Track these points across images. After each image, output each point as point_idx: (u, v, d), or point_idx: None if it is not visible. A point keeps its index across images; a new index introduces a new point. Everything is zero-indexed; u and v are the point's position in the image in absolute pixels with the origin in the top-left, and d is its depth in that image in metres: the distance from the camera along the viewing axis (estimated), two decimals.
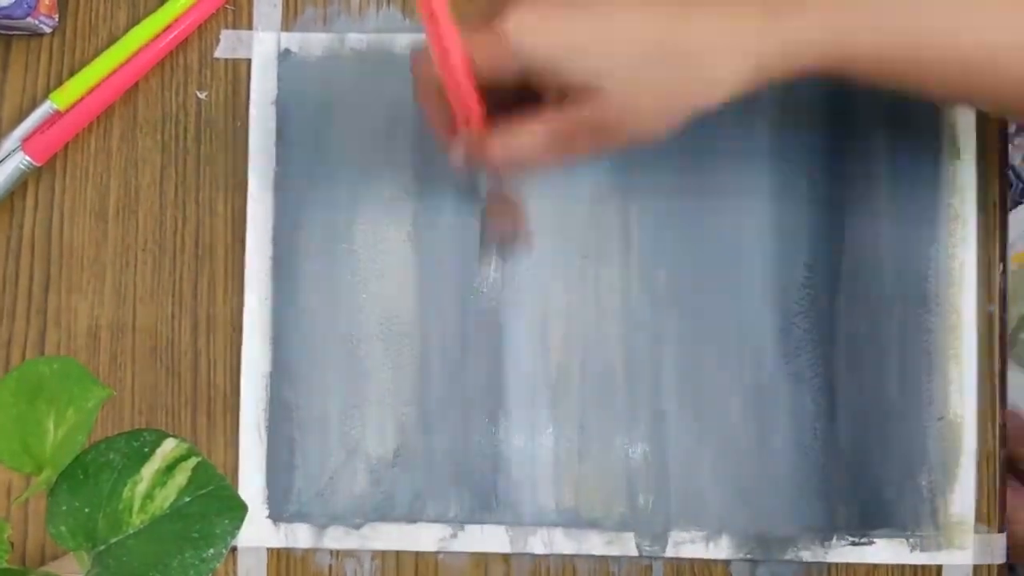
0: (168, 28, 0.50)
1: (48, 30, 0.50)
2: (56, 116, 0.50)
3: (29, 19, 0.48)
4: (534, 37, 0.38)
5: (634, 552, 0.49)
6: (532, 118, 0.40)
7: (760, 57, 0.39)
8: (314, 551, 0.49)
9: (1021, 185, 0.98)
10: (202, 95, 0.51)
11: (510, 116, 0.41)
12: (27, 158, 0.49)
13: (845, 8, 0.39)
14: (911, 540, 0.48)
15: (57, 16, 0.50)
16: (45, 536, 0.50)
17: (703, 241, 0.49)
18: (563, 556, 0.49)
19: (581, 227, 0.49)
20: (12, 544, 0.35)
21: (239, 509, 0.33)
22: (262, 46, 0.50)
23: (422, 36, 0.40)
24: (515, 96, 0.41)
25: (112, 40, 0.50)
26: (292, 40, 0.50)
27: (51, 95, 0.49)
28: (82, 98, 0.50)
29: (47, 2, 0.49)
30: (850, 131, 0.49)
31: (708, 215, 0.49)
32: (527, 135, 0.40)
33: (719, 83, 0.39)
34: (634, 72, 0.39)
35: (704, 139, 0.49)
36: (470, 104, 0.40)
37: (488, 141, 0.41)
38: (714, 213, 0.49)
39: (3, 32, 0.50)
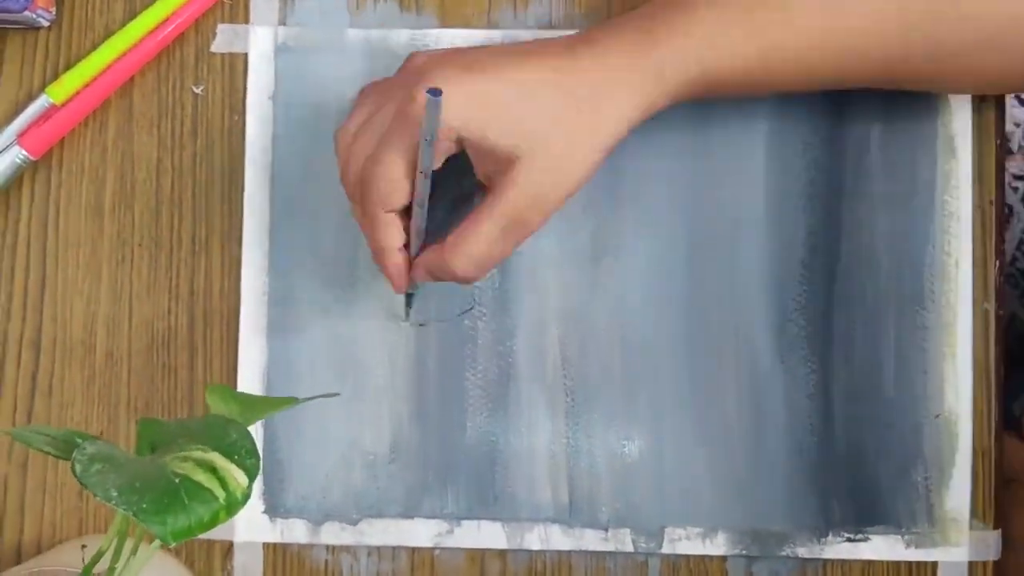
0: (164, 22, 0.50)
1: (45, 23, 0.50)
2: (52, 110, 0.50)
3: (27, 12, 0.48)
4: (453, 109, 0.39)
5: (630, 548, 0.49)
6: (475, 219, 0.41)
7: (645, 93, 0.41)
8: (310, 547, 0.49)
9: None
10: (198, 90, 0.51)
11: (445, 236, 0.42)
12: (23, 152, 0.49)
13: (707, 36, 0.41)
14: (906, 537, 0.48)
15: (54, 10, 0.50)
16: (41, 528, 0.50)
17: (699, 238, 0.49)
18: (559, 552, 0.49)
19: (577, 225, 0.49)
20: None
21: None
22: (259, 40, 0.50)
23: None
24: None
25: (108, 34, 0.50)
26: (289, 35, 0.50)
27: (47, 89, 0.49)
28: (78, 92, 0.50)
29: None
30: (846, 129, 0.49)
31: (704, 212, 0.49)
32: (483, 237, 0.41)
33: (624, 115, 0.41)
34: (552, 118, 0.40)
35: (700, 138, 0.49)
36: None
37: (448, 259, 0.42)
38: (710, 210, 0.49)
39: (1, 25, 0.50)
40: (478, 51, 0.43)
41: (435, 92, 0.37)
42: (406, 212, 0.43)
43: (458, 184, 0.45)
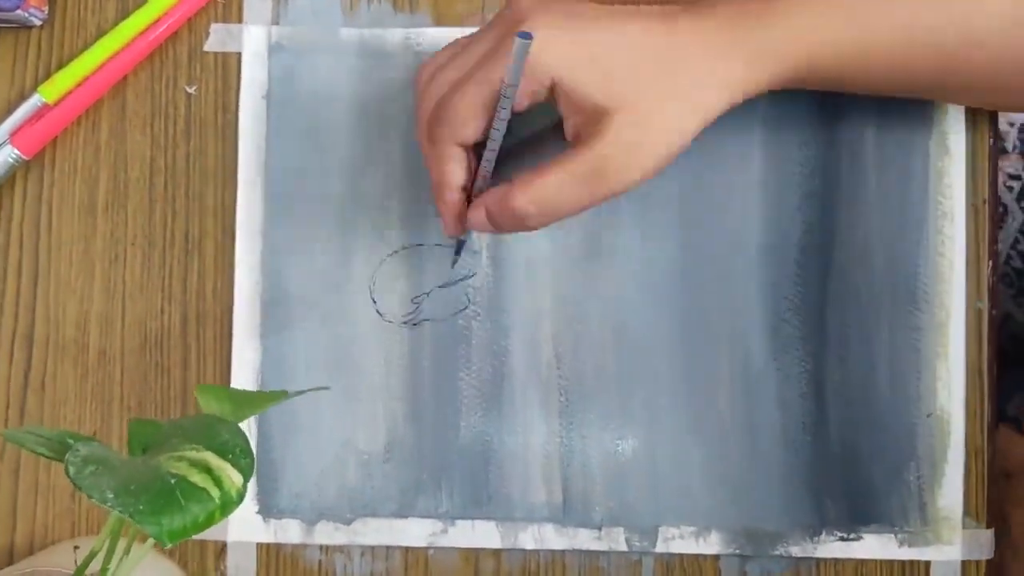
0: (157, 21, 0.50)
1: (38, 22, 0.50)
2: (45, 109, 0.49)
3: (19, 11, 0.47)
4: (554, 52, 0.39)
5: (624, 548, 0.49)
6: (552, 164, 0.40)
7: (746, 73, 0.41)
8: (304, 546, 0.49)
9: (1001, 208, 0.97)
10: (191, 89, 0.50)
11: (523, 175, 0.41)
12: (15, 151, 0.49)
13: (808, 17, 0.41)
14: (899, 536, 0.49)
15: (47, 9, 0.50)
16: (33, 530, 0.50)
17: (693, 238, 0.49)
18: (553, 551, 0.49)
19: (572, 224, 0.49)
20: None
21: None
22: (252, 40, 0.50)
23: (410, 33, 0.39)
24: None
25: (101, 33, 0.50)
26: (282, 34, 0.50)
27: (39, 88, 0.49)
28: (71, 91, 0.49)
29: None
30: (840, 129, 0.49)
31: (699, 211, 0.49)
32: (555, 182, 0.40)
33: (719, 93, 0.41)
34: (651, 77, 0.40)
35: (696, 137, 0.49)
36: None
37: (515, 196, 0.41)
38: (704, 210, 0.49)
39: None
40: (581, 3, 0.42)
41: (525, 35, 0.37)
42: (475, 154, 0.43)
43: (536, 137, 0.45)
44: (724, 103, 0.41)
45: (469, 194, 0.44)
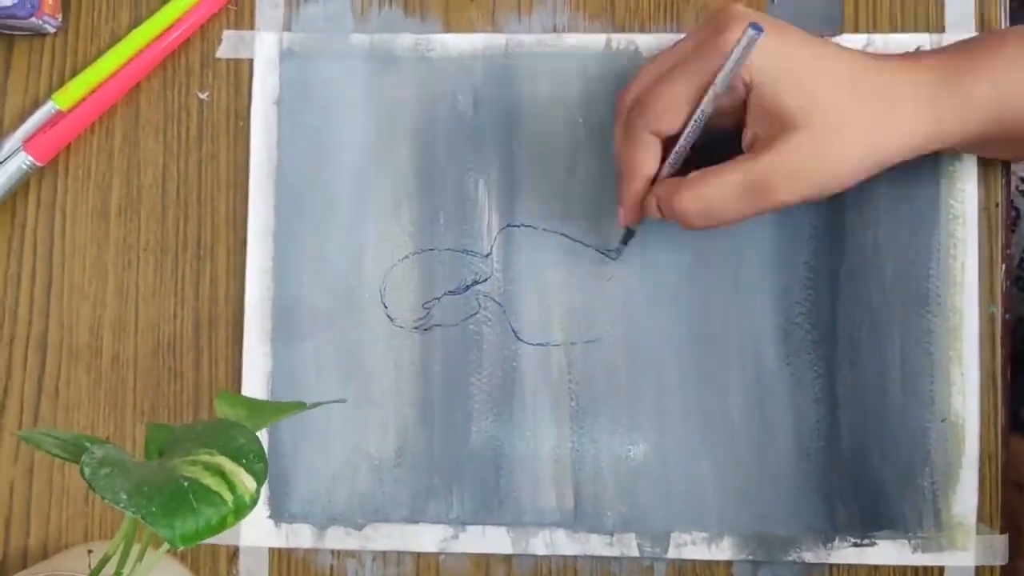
0: (170, 28, 0.50)
1: (52, 30, 0.50)
2: (58, 116, 0.50)
3: (33, 19, 0.48)
4: (759, 52, 0.39)
5: (636, 553, 0.49)
6: (724, 166, 0.41)
7: (938, 111, 0.41)
8: (315, 551, 0.49)
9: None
10: (204, 96, 0.51)
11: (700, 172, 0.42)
12: (29, 158, 0.49)
13: (1013, 75, 0.41)
14: (913, 541, 0.48)
15: (61, 16, 0.50)
16: (47, 533, 0.50)
17: (704, 242, 0.49)
18: (565, 557, 0.49)
19: (584, 229, 0.49)
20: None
21: None
22: (264, 46, 0.51)
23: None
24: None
25: (114, 40, 0.50)
26: (294, 40, 0.50)
27: (53, 95, 0.50)
28: (84, 98, 0.50)
29: (51, 2, 0.49)
30: None
31: None
32: (723, 186, 0.41)
33: (912, 132, 0.41)
34: (845, 103, 0.40)
35: (703, 139, 0.49)
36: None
37: (680, 194, 0.41)
38: None
39: (6, 32, 0.50)
40: (791, 26, 0.42)
41: (757, 28, 0.38)
42: (666, 146, 0.43)
43: (720, 141, 0.45)
44: (912, 147, 0.41)
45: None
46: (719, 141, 0.43)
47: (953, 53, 0.43)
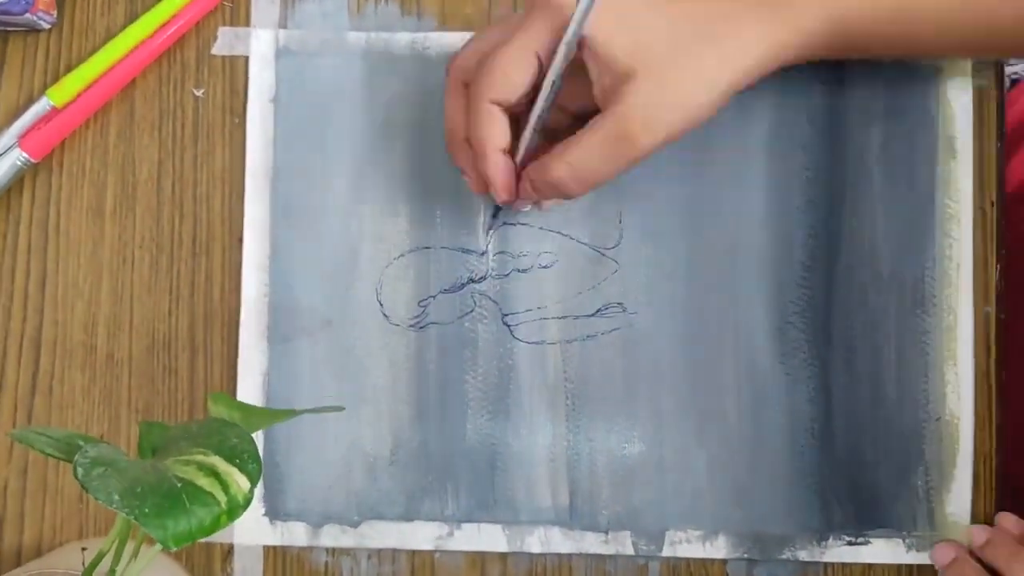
0: (165, 25, 0.50)
1: (47, 26, 0.50)
2: (53, 112, 0.50)
3: (28, 15, 0.48)
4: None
5: (631, 551, 0.49)
6: (584, 131, 0.41)
7: (775, 32, 0.41)
8: (310, 549, 0.49)
9: None
10: (199, 93, 0.51)
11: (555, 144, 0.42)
12: (24, 154, 0.49)
13: None
14: (907, 540, 0.48)
15: (55, 12, 0.50)
16: (41, 531, 0.50)
17: (699, 240, 0.49)
18: (560, 555, 0.49)
19: (579, 226, 0.49)
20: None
21: None
22: (260, 43, 0.50)
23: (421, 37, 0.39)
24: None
25: (109, 37, 0.50)
26: (290, 37, 0.50)
27: (48, 91, 0.49)
28: (79, 95, 0.50)
29: None
30: (846, 131, 0.49)
31: (704, 215, 0.49)
32: (589, 146, 0.41)
33: (751, 54, 0.41)
34: (675, 42, 0.40)
35: (700, 140, 0.49)
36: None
37: (551, 164, 0.41)
38: (710, 213, 0.49)
39: (0, 28, 0.50)
40: None
41: None
42: (513, 119, 0.43)
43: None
44: (752, 69, 0.41)
45: (515, 162, 0.44)
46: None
47: None
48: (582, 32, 0.40)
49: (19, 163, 0.49)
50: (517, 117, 0.43)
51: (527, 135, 0.43)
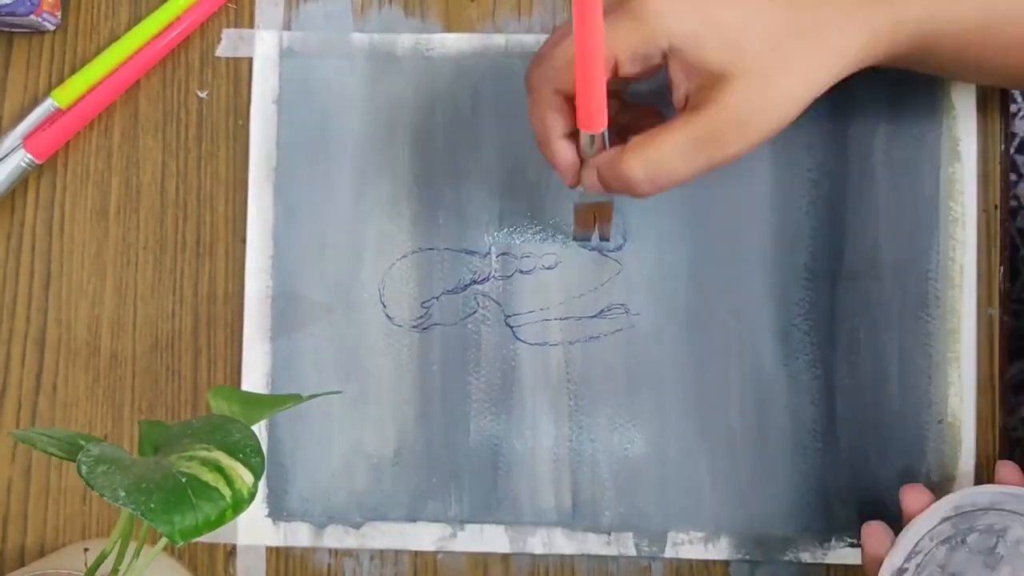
0: (170, 26, 0.50)
1: (51, 28, 0.50)
2: (57, 114, 0.50)
3: (32, 16, 0.48)
4: (673, 16, 0.38)
5: (633, 553, 0.49)
6: (666, 128, 0.40)
7: (872, 34, 0.40)
8: (313, 550, 0.49)
9: None
10: (203, 94, 0.51)
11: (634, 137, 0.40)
12: (28, 155, 0.49)
13: None
14: None
15: (60, 14, 0.50)
16: (44, 532, 0.50)
17: (703, 242, 0.49)
18: (562, 556, 0.49)
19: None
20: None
21: None
22: (264, 45, 0.51)
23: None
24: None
25: (114, 38, 0.50)
26: (294, 39, 0.50)
27: (52, 93, 0.50)
28: (83, 96, 0.50)
29: (50, 0, 0.49)
30: (850, 132, 0.49)
31: (708, 217, 0.49)
32: (671, 145, 0.39)
33: (845, 55, 0.40)
34: (774, 43, 0.39)
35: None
36: (599, 107, 0.39)
37: (625, 160, 0.40)
38: (714, 214, 0.49)
39: (5, 30, 0.50)
40: None
41: None
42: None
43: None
44: (843, 70, 0.40)
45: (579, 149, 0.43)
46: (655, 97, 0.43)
47: None
48: (667, 44, 0.39)
49: (24, 164, 0.49)
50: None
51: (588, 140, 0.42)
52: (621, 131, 0.43)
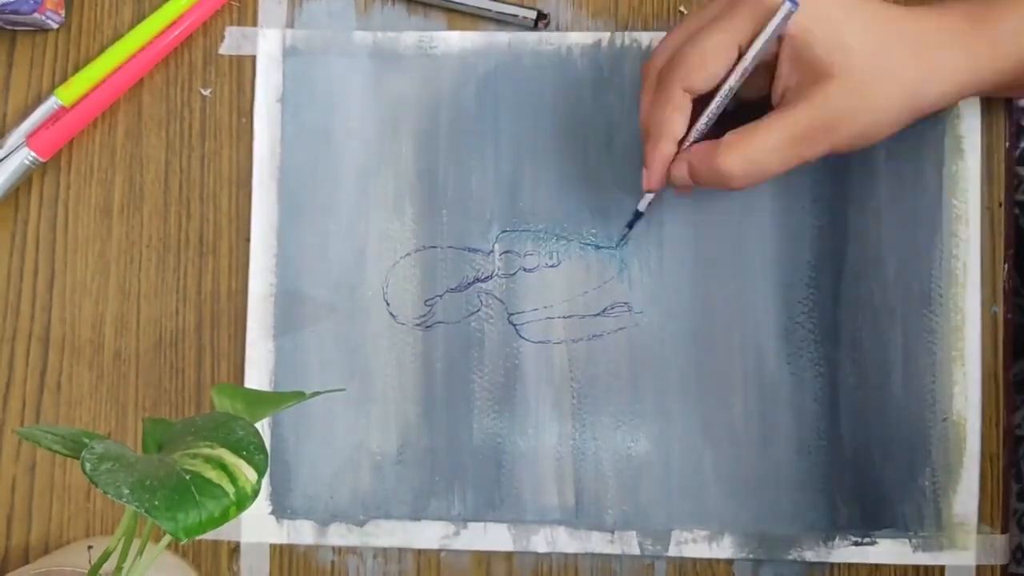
0: (173, 25, 0.50)
1: (55, 25, 0.50)
2: (61, 112, 0.50)
3: (36, 14, 0.48)
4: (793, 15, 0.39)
5: (637, 551, 0.49)
6: (763, 123, 0.41)
7: (974, 56, 0.41)
8: (317, 548, 0.49)
9: None
10: (206, 92, 0.51)
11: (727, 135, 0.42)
12: (32, 154, 0.49)
13: None
14: (914, 540, 0.48)
15: (63, 12, 0.50)
16: (48, 529, 0.50)
17: (706, 239, 0.49)
18: (566, 555, 0.49)
19: (586, 226, 0.49)
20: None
21: None
22: (267, 43, 0.51)
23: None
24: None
25: (117, 36, 0.50)
26: (297, 37, 0.50)
27: (56, 91, 0.50)
28: (87, 94, 0.50)
29: None
30: None
31: (711, 214, 0.49)
32: (767, 142, 0.41)
33: (948, 76, 0.41)
34: (878, 50, 0.40)
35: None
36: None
37: (723, 155, 0.41)
38: (717, 212, 0.49)
39: (9, 28, 0.50)
40: None
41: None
42: (697, 106, 0.43)
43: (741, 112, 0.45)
44: (949, 93, 0.41)
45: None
46: (738, 109, 0.43)
47: None
48: (783, 30, 0.40)
49: (27, 162, 0.49)
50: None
51: (701, 126, 0.43)
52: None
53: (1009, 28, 0.41)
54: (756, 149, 0.41)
